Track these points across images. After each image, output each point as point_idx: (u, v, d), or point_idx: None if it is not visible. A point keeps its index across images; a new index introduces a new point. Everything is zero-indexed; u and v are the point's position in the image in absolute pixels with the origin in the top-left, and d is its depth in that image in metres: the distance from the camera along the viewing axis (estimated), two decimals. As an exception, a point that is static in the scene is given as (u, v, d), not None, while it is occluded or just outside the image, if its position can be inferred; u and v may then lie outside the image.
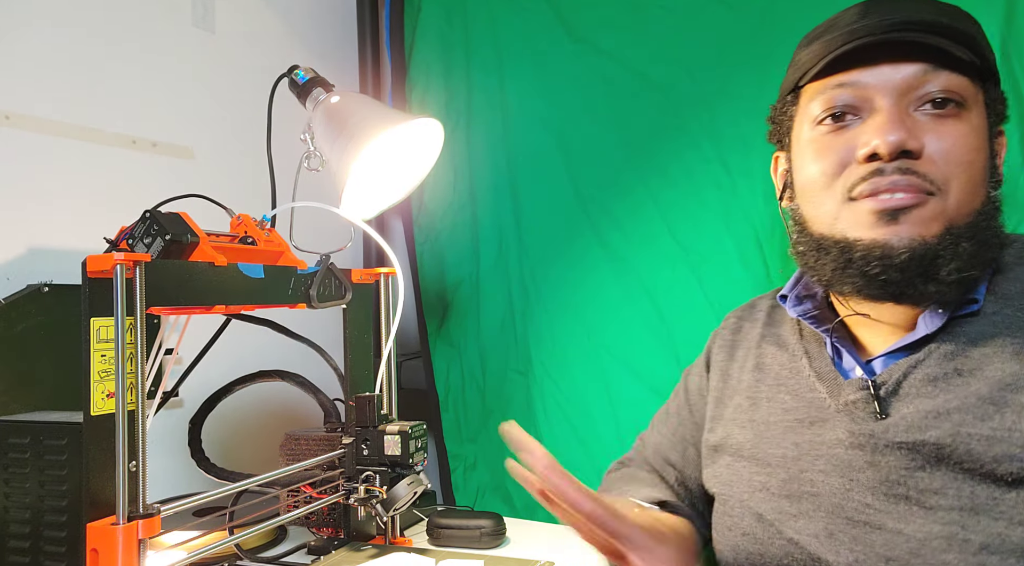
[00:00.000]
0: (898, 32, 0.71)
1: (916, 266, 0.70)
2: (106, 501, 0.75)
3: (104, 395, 0.76)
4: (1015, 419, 0.66)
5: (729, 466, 0.87)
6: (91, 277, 0.76)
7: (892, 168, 0.71)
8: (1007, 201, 1.05)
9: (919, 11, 0.73)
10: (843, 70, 0.74)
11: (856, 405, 0.75)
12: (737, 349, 0.95)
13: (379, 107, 1.09)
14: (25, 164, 1.14)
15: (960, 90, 0.72)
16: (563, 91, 1.43)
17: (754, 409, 0.86)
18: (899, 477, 0.71)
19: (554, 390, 1.43)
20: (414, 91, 1.65)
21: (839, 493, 0.74)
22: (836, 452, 0.75)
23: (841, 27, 0.75)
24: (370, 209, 1.19)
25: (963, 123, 0.72)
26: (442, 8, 1.60)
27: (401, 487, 1.04)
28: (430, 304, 1.63)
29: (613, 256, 1.37)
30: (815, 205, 0.78)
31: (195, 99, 1.40)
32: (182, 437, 1.12)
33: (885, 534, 0.71)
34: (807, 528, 0.75)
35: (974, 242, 0.71)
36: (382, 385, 1.14)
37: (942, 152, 0.71)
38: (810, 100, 0.79)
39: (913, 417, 0.71)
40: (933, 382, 0.71)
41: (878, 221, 0.71)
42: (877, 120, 0.72)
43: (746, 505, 0.82)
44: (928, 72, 0.72)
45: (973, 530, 0.66)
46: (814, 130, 0.78)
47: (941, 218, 0.71)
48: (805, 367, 0.82)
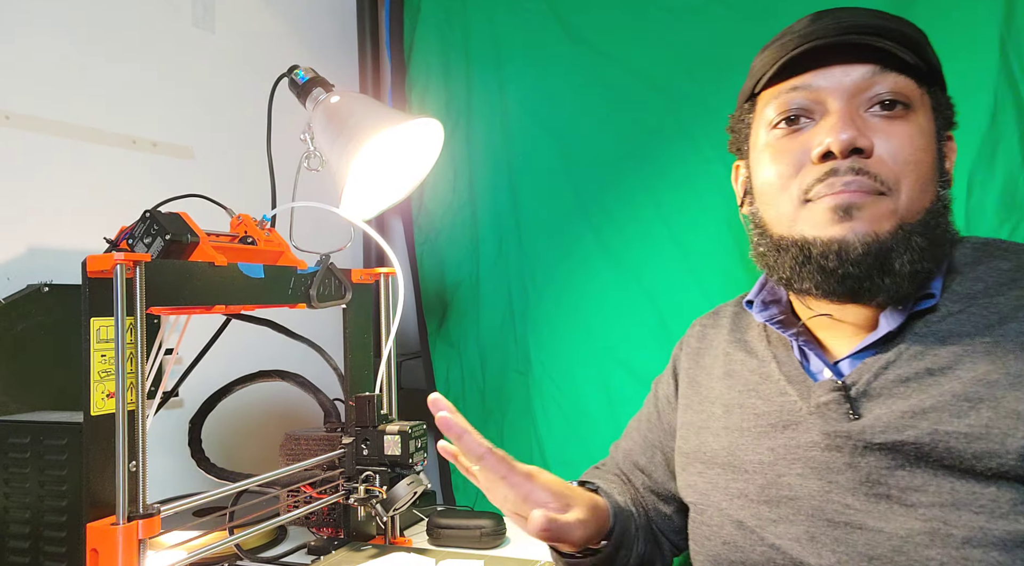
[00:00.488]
0: (848, 35, 0.74)
1: (872, 260, 0.72)
2: (106, 501, 0.75)
3: (104, 395, 0.76)
4: (991, 415, 0.67)
5: (702, 474, 0.87)
6: (91, 277, 0.76)
7: (846, 168, 0.73)
8: (1007, 201, 1.06)
9: (869, 17, 0.76)
10: (796, 74, 0.77)
11: (828, 407, 0.76)
12: (704, 356, 0.95)
13: (379, 107, 1.09)
14: (25, 164, 1.14)
15: (907, 92, 0.75)
16: (562, 92, 1.43)
17: (727, 416, 0.86)
18: (879, 476, 0.71)
19: (553, 390, 1.43)
20: (414, 91, 1.65)
21: (818, 495, 0.75)
22: (813, 455, 0.76)
23: (794, 33, 0.78)
24: (370, 209, 1.19)
25: (911, 124, 0.75)
26: (442, 8, 1.60)
27: (401, 487, 1.04)
28: (430, 304, 1.63)
29: (613, 257, 1.37)
30: (773, 207, 0.79)
31: (195, 99, 1.40)
32: (182, 437, 1.12)
33: (867, 533, 0.71)
34: (788, 532, 0.76)
35: (925, 238, 0.73)
36: (382, 385, 1.14)
37: (891, 152, 0.73)
38: (765, 105, 0.81)
39: (889, 417, 0.71)
40: (905, 382, 0.73)
41: (833, 217, 0.73)
42: (830, 121, 0.75)
43: (725, 513, 0.83)
44: (877, 74, 0.74)
45: (955, 525, 0.67)
46: (770, 134, 0.80)
47: (893, 216, 0.73)
48: (775, 371, 0.83)
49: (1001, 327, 0.72)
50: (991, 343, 0.71)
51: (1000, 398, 0.68)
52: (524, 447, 1.47)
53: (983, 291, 0.75)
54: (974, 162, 1.07)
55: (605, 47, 1.37)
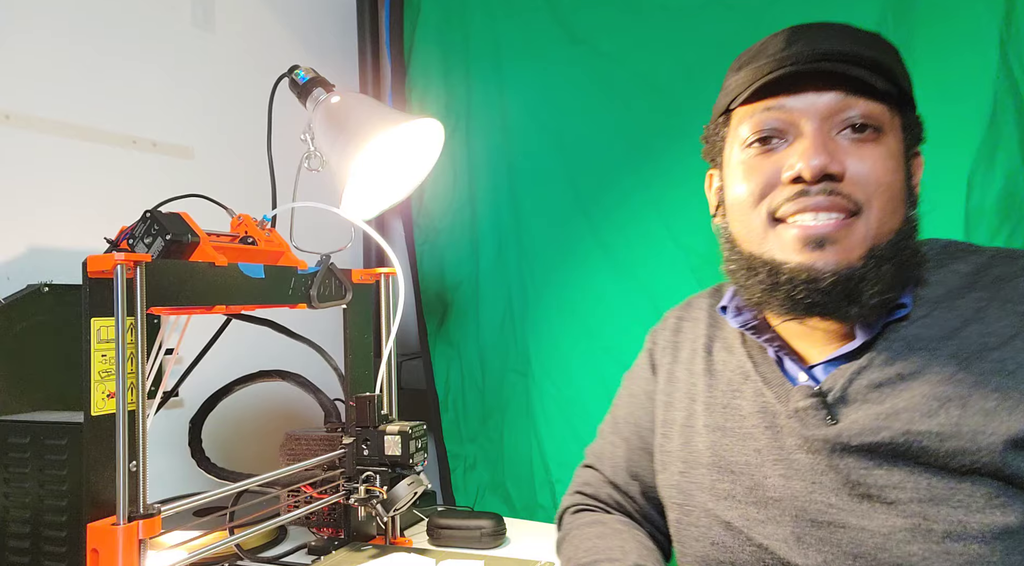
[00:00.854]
0: (822, 62, 0.75)
1: (841, 290, 0.74)
2: (106, 501, 0.75)
3: (105, 395, 0.76)
4: (960, 413, 0.70)
5: (685, 474, 0.87)
6: (92, 277, 0.76)
7: (816, 189, 0.74)
8: (1007, 202, 1.06)
9: (842, 41, 0.77)
10: (771, 95, 0.78)
11: (807, 412, 0.77)
12: (680, 350, 0.95)
13: (379, 107, 1.09)
14: (25, 164, 1.14)
15: (878, 117, 0.76)
16: (562, 92, 1.43)
17: (709, 414, 0.87)
18: (859, 477, 0.73)
19: (553, 390, 1.43)
20: (414, 91, 1.65)
21: (802, 496, 0.76)
22: (797, 457, 0.78)
23: (769, 54, 0.79)
24: (370, 209, 1.19)
25: (881, 147, 0.76)
26: (442, 9, 1.60)
27: (401, 487, 1.04)
28: (430, 304, 1.63)
29: (612, 257, 1.37)
30: (743, 224, 0.81)
31: (195, 99, 1.40)
32: (182, 437, 1.12)
33: (850, 532, 0.73)
34: (776, 533, 0.77)
35: (894, 263, 0.75)
36: (382, 385, 1.13)
37: (863, 174, 0.75)
38: (740, 123, 0.82)
39: (865, 421, 0.74)
40: (878, 388, 0.75)
41: (804, 247, 0.75)
42: (802, 144, 0.76)
43: (712, 514, 0.83)
44: (849, 98, 0.76)
45: (935, 520, 0.70)
46: (744, 152, 0.81)
47: (864, 241, 0.75)
48: (752, 372, 0.85)
49: (964, 329, 0.74)
50: (956, 345, 0.73)
51: (967, 397, 0.70)
52: (524, 447, 1.47)
53: (945, 295, 0.77)
54: (974, 162, 1.07)
55: (605, 48, 1.37)
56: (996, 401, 0.70)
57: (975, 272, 0.78)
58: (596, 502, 1.02)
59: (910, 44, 1.11)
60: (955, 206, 1.09)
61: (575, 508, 1.02)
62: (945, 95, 1.09)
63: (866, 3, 1.14)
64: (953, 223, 1.08)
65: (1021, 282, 0.75)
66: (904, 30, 1.12)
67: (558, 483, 1.40)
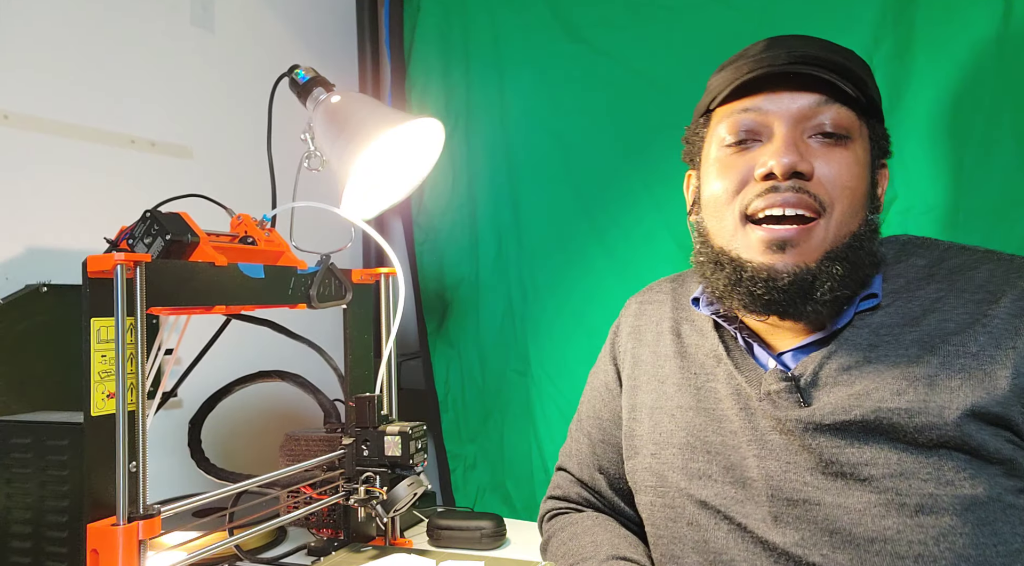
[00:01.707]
0: (799, 66, 0.79)
1: (796, 289, 0.79)
2: (106, 502, 0.75)
3: (104, 395, 0.76)
4: (926, 392, 0.74)
5: (657, 455, 0.89)
6: (91, 277, 0.75)
7: (786, 186, 0.79)
8: (1006, 201, 1.06)
9: (819, 49, 0.82)
10: (748, 96, 0.83)
11: (779, 395, 0.81)
12: (644, 333, 0.98)
13: (380, 107, 1.09)
14: (24, 164, 1.13)
15: (847, 123, 0.81)
16: (562, 91, 1.43)
17: (680, 395, 0.90)
18: (831, 455, 0.76)
19: (553, 390, 1.43)
20: (413, 91, 1.65)
21: (777, 475, 0.79)
22: (771, 438, 0.81)
23: (748, 57, 0.84)
24: (370, 209, 1.19)
25: (848, 153, 0.81)
26: (441, 8, 1.60)
27: (401, 488, 1.04)
28: (429, 304, 1.63)
29: (613, 256, 1.37)
30: (717, 219, 0.85)
31: (194, 98, 1.39)
32: (182, 437, 1.12)
33: (825, 509, 0.76)
34: (754, 513, 0.80)
35: (847, 263, 0.79)
36: (382, 385, 1.13)
37: (829, 176, 0.80)
38: (718, 122, 0.86)
39: (836, 401, 0.77)
40: (847, 371, 0.79)
41: (767, 250, 0.80)
42: (775, 144, 0.80)
43: (686, 493, 0.85)
44: (822, 104, 0.80)
45: (907, 494, 0.73)
46: (720, 150, 0.85)
47: (823, 244, 0.79)
48: (724, 356, 0.88)
49: (925, 318, 0.79)
50: (919, 332, 0.78)
51: (933, 377, 0.75)
52: (524, 447, 1.47)
53: (904, 286, 0.82)
54: (973, 162, 1.07)
55: (605, 46, 1.37)
56: (960, 380, 0.74)
57: (931, 265, 0.83)
58: (568, 503, 1.04)
59: (910, 44, 1.12)
60: (953, 206, 1.09)
61: (550, 514, 1.05)
62: (943, 94, 1.10)
63: (866, 3, 1.14)
64: (951, 223, 1.09)
65: (976, 273, 0.80)
66: (904, 30, 1.12)
67: (558, 483, 1.40)
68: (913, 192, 1.11)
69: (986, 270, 0.80)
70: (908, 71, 1.12)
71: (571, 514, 1.02)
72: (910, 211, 1.11)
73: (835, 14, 1.16)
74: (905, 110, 1.12)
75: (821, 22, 1.16)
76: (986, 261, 0.82)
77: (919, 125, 1.11)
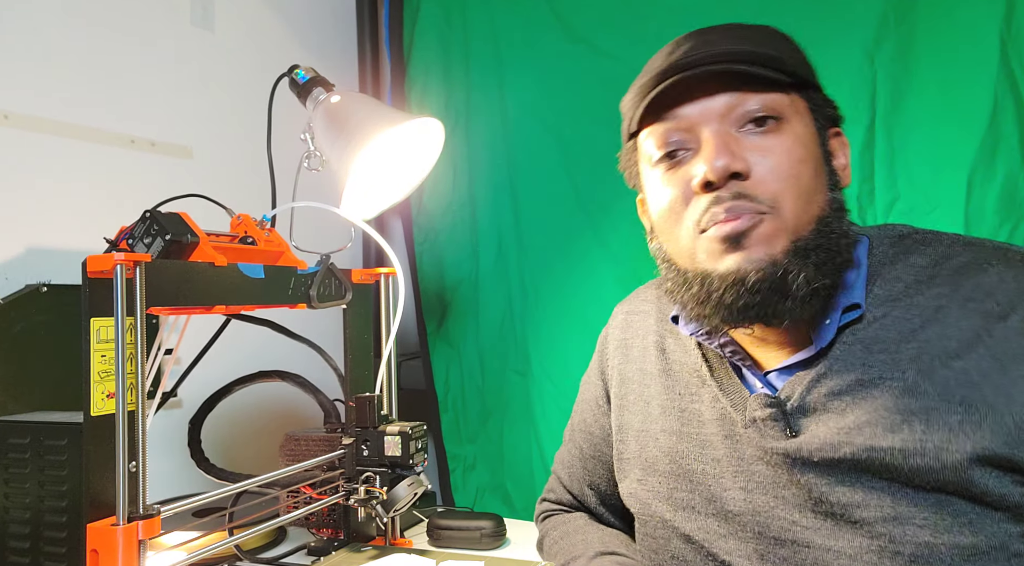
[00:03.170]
0: (704, 66, 0.74)
1: (768, 286, 0.71)
2: (106, 502, 0.75)
3: (104, 395, 0.76)
4: (924, 428, 0.67)
5: (643, 481, 0.85)
6: (91, 277, 0.75)
7: (727, 195, 0.72)
8: (1007, 201, 1.06)
9: (722, 42, 0.75)
10: (665, 109, 0.77)
11: (765, 423, 0.75)
12: (631, 348, 0.93)
13: (380, 107, 1.08)
14: (23, 164, 1.13)
15: (775, 105, 0.74)
16: (562, 90, 1.42)
17: (665, 418, 0.85)
18: (820, 494, 0.71)
19: (553, 390, 1.43)
20: (413, 90, 1.65)
21: (764, 512, 0.74)
22: (757, 468, 0.75)
23: (652, 71, 0.78)
24: (370, 209, 1.18)
25: (785, 136, 0.74)
26: (441, 8, 1.59)
27: (401, 488, 1.03)
28: (429, 304, 1.63)
29: (613, 256, 1.37)
30: (673, 241, 0.79)
31: (194, 98, 1.39)
32: (182, 437, 1.12)
33: (815, 552, 0.71)
34: (739, 549, 0.75)
35: (820, 251, 0.72)
36: (382, 385, 1.13)
37: (769, 169, 0.73)
38: (644, 141, 0.81)
39: (825, 435, 0.71)
40: (839, 396, 0.72)
41: (725, 248, 0.73)
42: (705, 150, 0.74)
43: (670, 525, 0.82)
44: (742, 95, 0.74)
45: (901, 542, 0.67)
46: (654, 170, 0.80)
47: (783, 233, 0.72)
48: (707, 376, 0.82)
49: (924, 331, 0.71)
50: (916, 348, 0.70)
51: (931, 411, 0.68)
52: (524, 447, 1.47)
53: (903, 291, 0.74)
54: (974, 162, 1.07)
55: (605, 46, 1.37)
56: (960, 415, 0.67)
57: (933, 264, 0.75)
58: (559, 506, 1.04)
59: (911, 43, 1.12)
60: (955, 206, 1.09)
61: (543, 515, 1.05)
62: (945, 94, 1.10)
63: (868, 3, 1.14)
64: (953, 223, 1.09)
65: (983, 277, 0.72)
66: (905, 29, 1.12)
67: (558, 483, 1.40)
68: (916, 192, 1.11)
69: (995, 274, 0.71)
70: (910, 71, 1.12)
71: (563, 514, 1.02)
72: (913, 211, 1.11)
73: (836, 14, 1.16)
74: (907, 110, 1.12)
75: (822, 22, 1.16)
76: (995, 261, 0.73)
77: (921, 125, 1.11)
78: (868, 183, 1.14)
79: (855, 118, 1.14)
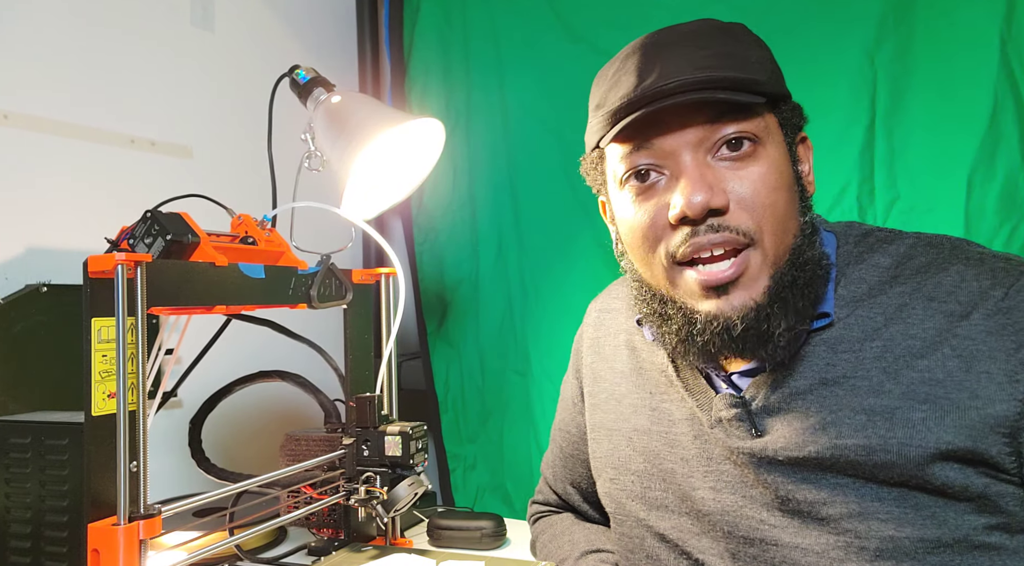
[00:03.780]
0: (675, 98, 0.70)
1: (753, 333, 0.71)
2: (107, 501, 0.75)
3: (105, 395, 0.76)
4: (887, 426, 0.68)
5: (615, 481, 0.86)
6: (92, 277, 0.75)
7: (705, 228, 0.71)
8: (1007, 201, 1.06)
9: (695, 67, 0.71)
10: (636, 133, 0.74)
11: (731, 423, 0.76)
12: (603, 346, 0.93)
13: (380, 107, 1.08)
14: (23, 164, 1.13)
15: (750, 129, 0.72)
16: (563, 91, 1.42)
17: (636, 417, 0.85)
18: (787, 492, 0.72)
19: (553, 391, 1.42)
20: (413, 91, 1.65)
21: (732, 511, 0.75)
22: (725, 468, 0.76)
23: (622, 95, 0.73)
24: (370, 209, 1.19)
25: (761, 162, 0.72)
26: (441, 8, 1.59)
27: (402, 488, 1.03)
28: (429, 304, 1.63)
29: (612, 255, 1.37)
30: (647, 267, 0.77)
31: (194, 98, 1.39)
32: (182, 437, 1.12)
33: (783, 550, 0.72)
34: (711, 548, 0.76)
35: (796, 289, 0.72)
36: (382, 386, 1.13)
37: (747, 199, 0.71)
38: (613, 159, 0.78)
39: (790, 435, 0.72)
40: (802, 396, 0.72)
41: (708, 295, 0.72)
42: (681, 183, 0.72)
43: (644, 524, 0.82)
44: (717, 123, 0.72)
45: (866, 537, 0.68)
46: (624, 190, 0.77)
47: (764, 269, 0.71)
48: (674, 377, 0.82)
49: (887, 329, 0.71)
50: (880, 348, 0.71)
51: (894, 409, 0.68)
52: (524, 447, 1.47)
53: (867, 292, 0.74)
54: (974, 162, 1.07)
55: (605, 46, 1.37)
56: (924, 412, 0.67)
57: (896, 264, 0.75)
58: (547, 506, 1.05)
59: (911, 44, 1.12)
60: (955, 206, 1.09)
61: (533, 518, 1.06)
62: (945, 95, 1.10)
63: (868, 3, 1.14)
64: (953, 223, 1.09)
65: (944, 276, 0.72)
66: (904, 30, 1.12)
67: (558, 483, 1.40)
68: (916, 192, 1.11)
69: (955, 272, 0.72)
70: (910, 71, 1.12)
71: (551, 516, 1.03)
72: (912, 211, 1.11)
73: (836, 15, 1.16)
74: (907, 110, 1.12)
75: (822, 22, 1.16)
76: (955, 260, 0.73)
77: (921, 125, 1.11)
78: (868, 183, 1.14)
79: (855, 118, 1.14)
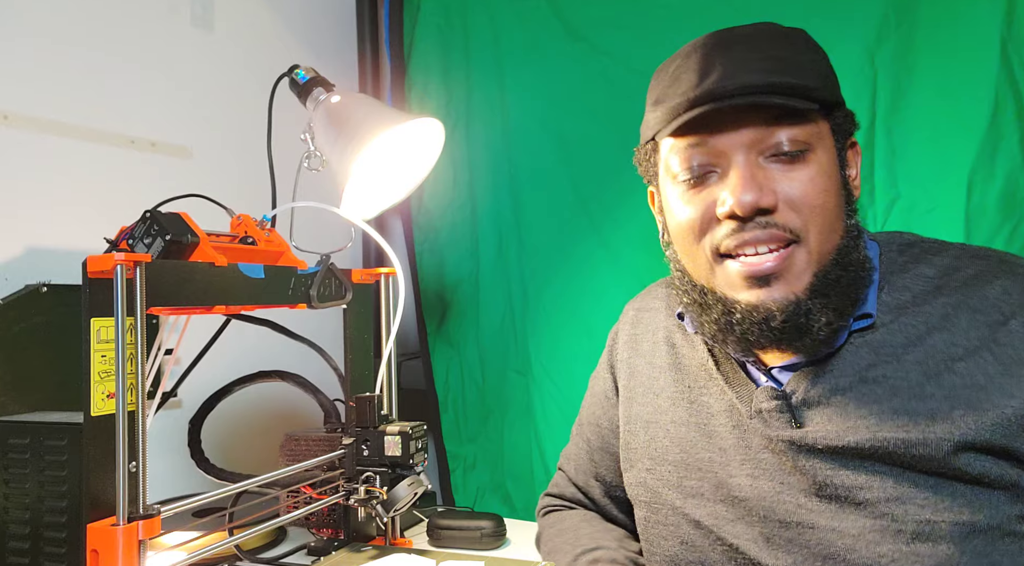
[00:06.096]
0: (737, 98, 0.73)
1: (792, 325, 0.74)
2: (106, 502, 0.75)
3: (104, 395, 0.76)
4: (927, 424, 0.70)
5: (652, 471, 0.87)
6: (91, 277, 0.75)
7: (752, 224, 0.74)
8: (1008, 201, 1.06)
9: (758, 71, 0.74)
10: (692, 132, 0.77)
11: (771, 414, 0.78)
12: (640, 342, 0.95)
13: (380, 107, 1.08)
14: (23, 164, 1.13)
15: (804, 137, 0.75)
16: (563, 90, 1.42)
17: (674, 410, 0.87)
18: (825, 478, 0.73)
19: (553, 390, 1.43)
20: (413, 90, 1.65)
21: (770, 496, 0.76)
22: (763, 456, 0.78)
23: (682, 92, 0.76)
24: (370, 209, 1.18)
25: (812, 166, 0.75)
26: (441, 7, 1.59)
27: (401, 488, 1.03)
28: (429, 304, 1.63)
29: (613, 255, 1.37)
30: (690, 258, 0.81)
31: (194, 98, 1.39)
32: (182, 437, 1.12)
33: (819, 532, 0.73)
34: (746, 533, 0.78)
35: (839, 288, 0.75)
36: (382, 385, 1.13)
37: (795, 200, 0.74)
38: (668, 154, 0.81)
39: (830, 428, 0.74)
40: (843, 392, 0.75)
41: (750, 285, 0.75)
42: (732, 179, 0.75)
43: (680, 512, 0.83)
44: (772, 126, 0.74)
45: (903, 520, 0.70)
46: (676, 185, 0.80)
47: (808, 267, 0.75)
48: (714, 370, 0.84)
49: (930, 337, 0.74)
50: (922, 352, 0.73)
51: (935, 411, 0.71)
52: (524, 447, 1.47)
53: (911, 301, 0.76)
54: (974, 162, 1.07)
55: (606, 45, 1.37)
56: (964, 410, 0.70)
57: (941, 275, 0.77)
58: (562, 501, 1.06)
59: (911, 43, 1.12)
60: (955, 206, 1.09)
61: (544, 511, 1.07)
62: (946, 94, 1.10)
63: (869, 3, 1.14)
64: (954, 223, 1.08)
65: (990, 288, 0.74)
66: (905, 30, 1.12)
67: (558, 483, 1.40)
68: (916, 191, 1.11)
69: (1000, 286, 0.74)
70: (911, 71, 1.12)
71: (562, 511, 1.03)
72: (913, 210, 1.11)
73: (837, 14, 1.16)
74: (908, 109, 1.11)
75: (822, 22, 1.16)
76: (1001, 274, 0.76)
77: (922, 124, 1.11)
78: (868, 183, 1.14)
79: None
